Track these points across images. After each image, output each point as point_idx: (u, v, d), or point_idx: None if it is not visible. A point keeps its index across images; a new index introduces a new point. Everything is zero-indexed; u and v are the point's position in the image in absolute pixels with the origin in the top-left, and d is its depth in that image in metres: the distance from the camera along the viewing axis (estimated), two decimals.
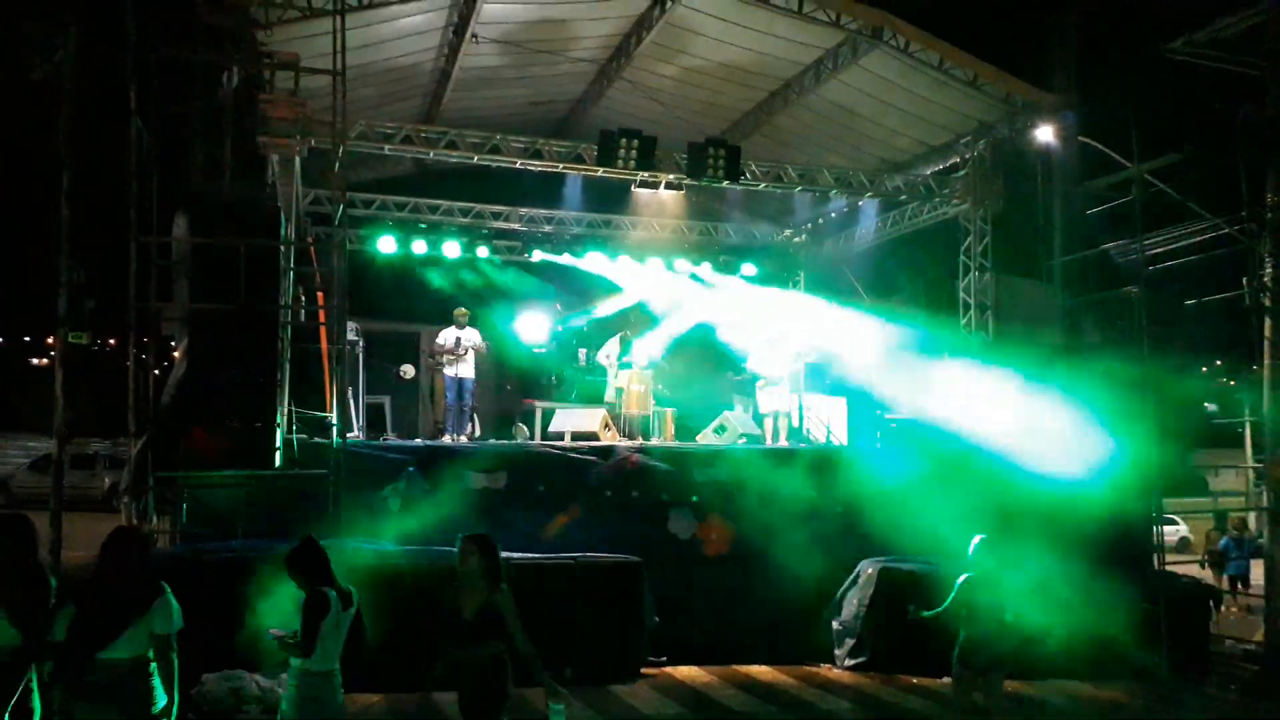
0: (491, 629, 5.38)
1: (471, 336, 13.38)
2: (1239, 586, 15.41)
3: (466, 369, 13.24)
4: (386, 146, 12.46)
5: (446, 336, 13.35)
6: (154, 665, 4.68)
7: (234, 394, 9.05)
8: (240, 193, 10.39)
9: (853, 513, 11.55)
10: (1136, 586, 11.03)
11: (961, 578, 6.97)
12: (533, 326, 16.21)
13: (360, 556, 9.12)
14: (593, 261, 16.78)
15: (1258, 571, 13.80)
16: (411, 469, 10.64)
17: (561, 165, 13.01)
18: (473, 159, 12.80)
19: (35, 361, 41.71)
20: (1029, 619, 7.11)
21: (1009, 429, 11.75)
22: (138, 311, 8.86)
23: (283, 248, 10.79)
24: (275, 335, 10.31)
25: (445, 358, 13.26)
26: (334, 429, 9.64)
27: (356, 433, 12.23)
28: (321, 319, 11.51)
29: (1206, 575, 15.13)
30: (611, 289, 17.28)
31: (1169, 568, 12.00)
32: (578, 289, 17.44)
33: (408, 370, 14.28)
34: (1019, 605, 6.92)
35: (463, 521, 10.37)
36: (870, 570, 10.82)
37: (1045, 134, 12.87)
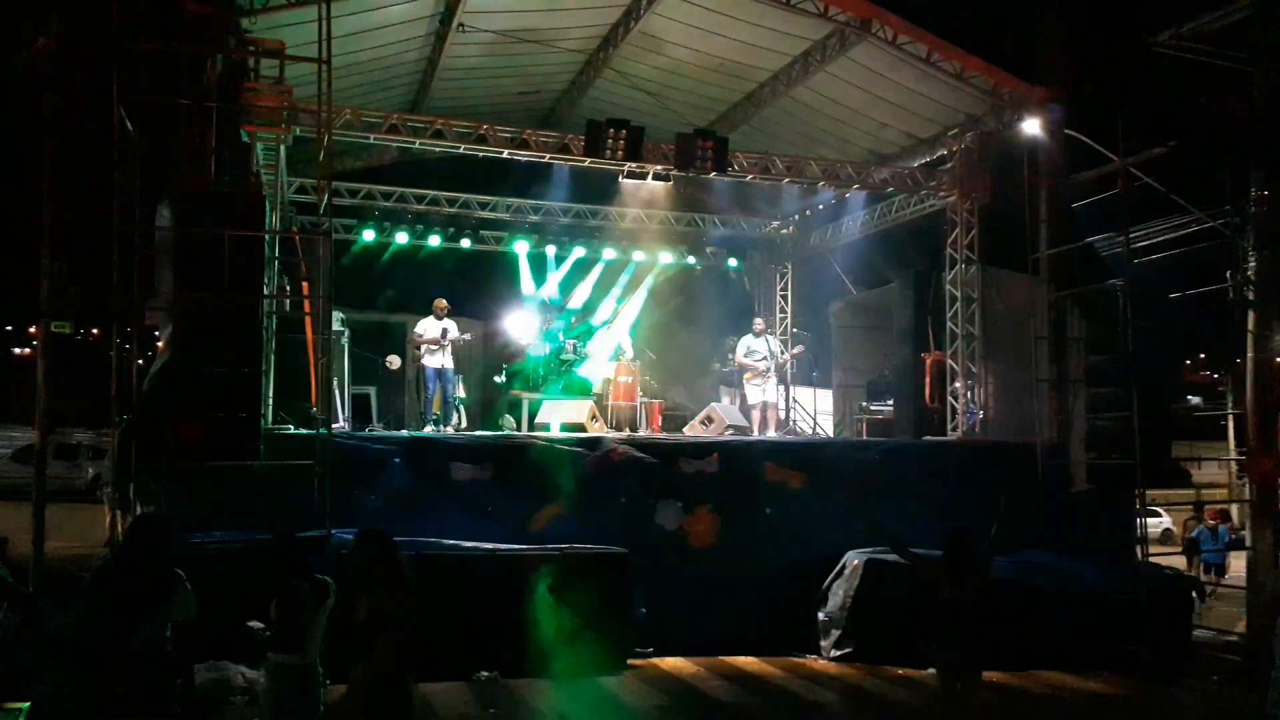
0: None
1: (452, 327, 13.35)
2: (1213, 576, 15.55)
3: (448, 359, 13.21)
4: (372, 135, 12.41)
5: (428, 327, 13.30)
6: (169, 647, 4.97)
7: (218, 384, 8.96)
8: (225, 182, 10.31)
9: (838, 503, 11.59)
10: (1119, 577, 11.11)
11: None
12: (520, 317, 16.20)
13: (342, 548, 9.10)
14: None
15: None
16: (397, 460, 10.60)
17: (549, 155, 12.97)
18: (459, 148, 12.75)
19: (18, 351, 41.42)
20: (1001, 612, 7.12)
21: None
22: (121, 301, 8.78)
23: (267, 237, 10.71)
24: (260, 325, 10.23)
25: (426, 348, 13.23)
26: (319, 420, 9.60)
27: (342, 423, 12.19)
28: (307, 309, 11.46)
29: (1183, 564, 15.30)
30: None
31: (1152, 559, 12.08)
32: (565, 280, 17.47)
33: (394, 361, 14.24)
34: (990, 598, 6.92)
35: (449, 512, 10.41)
36: (856, 561, 10.85)
37: (1032, 127, 12.89)
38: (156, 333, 9.88)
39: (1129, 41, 13.26)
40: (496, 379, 15.01)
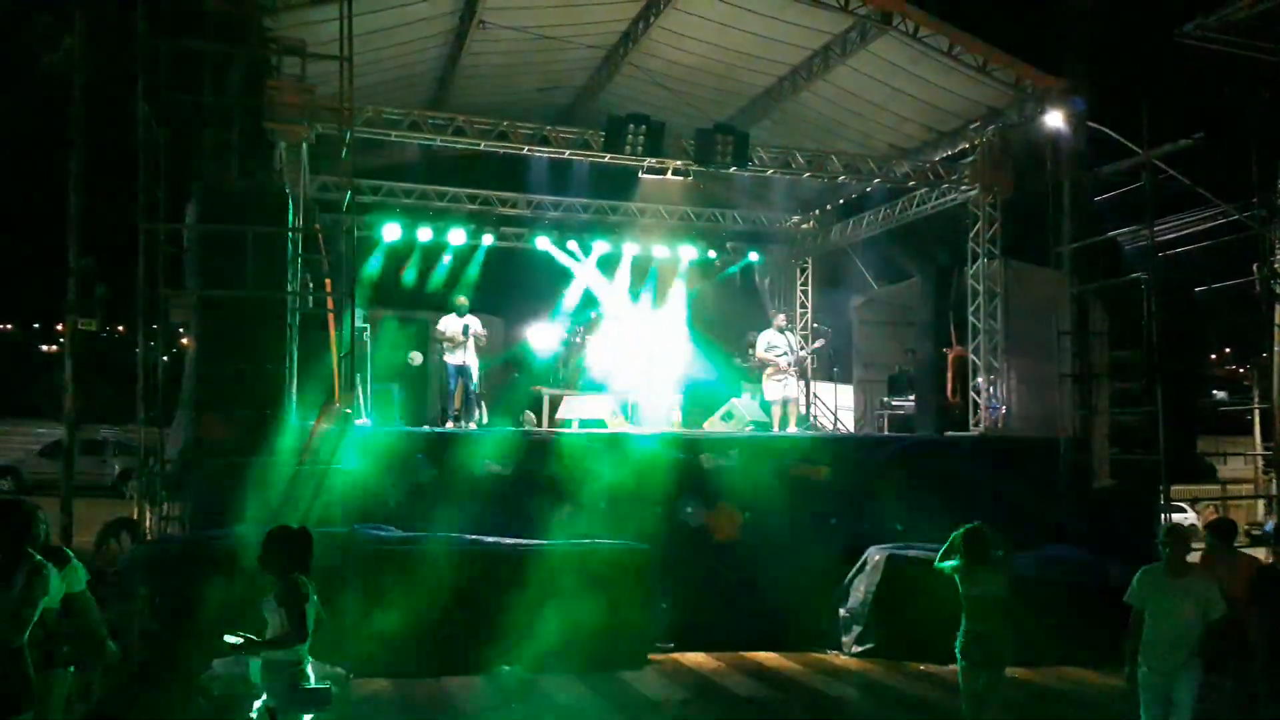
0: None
1: (474, 324, 13.40)
2: None
3: (470, 356, 13.27)
4: (393, 133, 12.45)
5: (449, 323, 13.37)
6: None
7: (242, 381, 9.05)
8: (248, 180, 10.39)
9: (860, 500, 11.57)
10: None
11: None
12: (542, 313, 16.23)
13: (366, 543, 9.17)
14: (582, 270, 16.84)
15: None
16: (419, 456, 10.66)
17: (569, 151, 12.98)
18: (480, 145, 12.79)
19: (45, 348, 41.85)
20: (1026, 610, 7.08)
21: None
22: (147, 299, 8.88)
23: (290, 235, 10.79)
24: (283, 323, 10.32)
25: (447, 344, 13.29)
26: (342, 416, 9.66)
27: (364, 419, 12.25)
28: (329, 306, 11.53)
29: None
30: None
31: None
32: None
33: (416, 357, 14.29)
34: (1015, 596, 6.89)
35: (471, 507, 10.46)
36: (878, 557, 10.82)
37: (1055, 119, 12.79)
38: (181, 330, 10.00)
39: (1154, 32, 13.16)
40: (517, 374, 15.05)
